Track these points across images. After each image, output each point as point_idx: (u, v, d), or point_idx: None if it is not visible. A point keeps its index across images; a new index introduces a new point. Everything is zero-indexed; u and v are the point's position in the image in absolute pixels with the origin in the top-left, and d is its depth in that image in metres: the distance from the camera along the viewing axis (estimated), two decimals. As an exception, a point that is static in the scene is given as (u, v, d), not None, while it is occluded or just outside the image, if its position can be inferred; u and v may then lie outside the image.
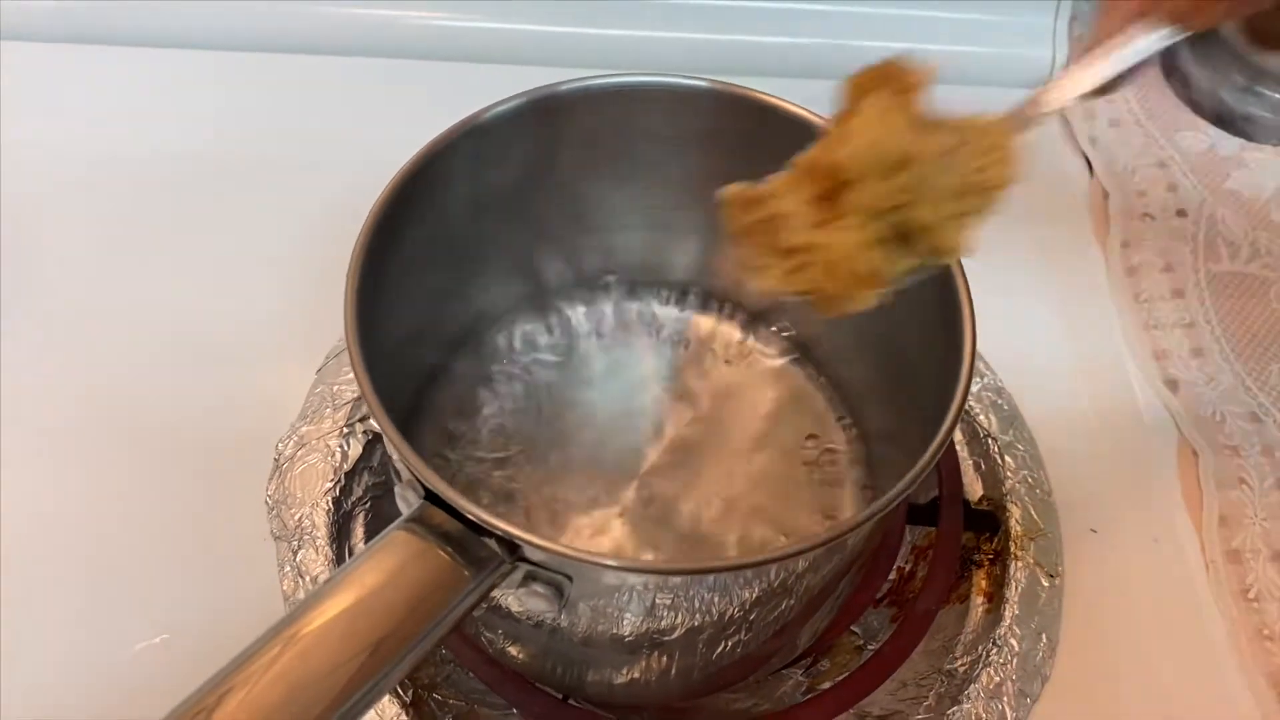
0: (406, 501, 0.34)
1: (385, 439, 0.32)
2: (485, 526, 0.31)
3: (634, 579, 0.32)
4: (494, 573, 0.32)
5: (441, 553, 0.31)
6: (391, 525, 0.32)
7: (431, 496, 0.32)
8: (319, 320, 0.48)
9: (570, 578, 0.32)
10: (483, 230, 0.44)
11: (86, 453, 0.49)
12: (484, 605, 0.34)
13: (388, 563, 0.31)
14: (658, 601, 0.34)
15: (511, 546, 0.31)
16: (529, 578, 0.32)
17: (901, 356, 0.43)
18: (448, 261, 0.43)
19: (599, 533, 0.44)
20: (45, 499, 0.48)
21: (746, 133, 0.42)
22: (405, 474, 0.33)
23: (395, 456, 0.33)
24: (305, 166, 0.60)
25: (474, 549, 0.31)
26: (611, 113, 0.42)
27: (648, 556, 0.43)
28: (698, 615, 0.35)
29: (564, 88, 0.40)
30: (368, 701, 0.29)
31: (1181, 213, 0.60)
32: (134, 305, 0.54)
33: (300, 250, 0.56)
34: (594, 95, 0.41)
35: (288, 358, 0.52)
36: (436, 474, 0.31)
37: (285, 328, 0.54)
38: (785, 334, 0.51)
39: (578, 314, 0.51)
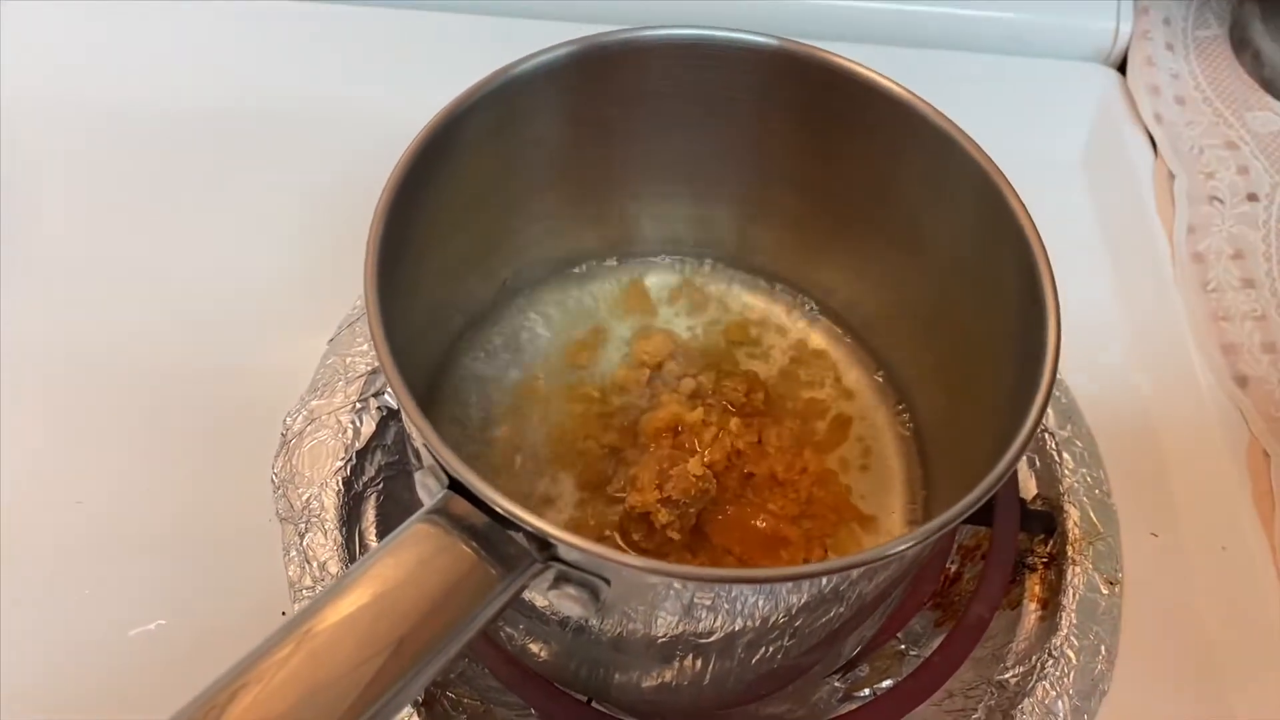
0: (428, 490, 0.31)
1: (405, 419, 0.29)
2: (515, 521, 0.28)
3: (679, 583, 0.29)
4: (524, 573, 0.29)
5: (467, 548, 0.28)
6: (413, 517, 0.29)
7: (456, 485, 0.29)
8: (333, 285, 0.46)
9: (608, 580, 0.29)
10: (512, 194, 0.40)
11: (82, 423, 0.47)
12: (510, 604, 0.31)
13: (408, 558, 0.28)
14: (697, 601, 0.31)
15: (544, 544, 0.28)
16: (561, 578, 0.29)
17: (968, 342, 0.40)
18: (474, 227, 0.40)
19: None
20: (39, 471, 0.45)
21: (809, 97, 0.39)
22: (427, 459, 0.30)
23: (417, 439, 0.30)
24: (324, 123, 0.57)
25: (502, 545, 0.29)
26: (661, 69, 0.38)
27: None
28: (739, 619, 0.32)
29: (610, 38, 0.37)
30: (388, 711, 0.26)
31: (1252, 197, 0.56)
32: (135, 267, 0.52)
33: (315, 211, 0.53)
34: (644, 49, 0.37)
35: (298, 325, 0.49)
36: (462, 460, 0.28)
37: (297, 293, 0.51)
38: (838, 312, 0.47)
39: (611, 289, 0.47)
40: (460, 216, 0.38)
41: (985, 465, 0.33)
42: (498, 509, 0.28)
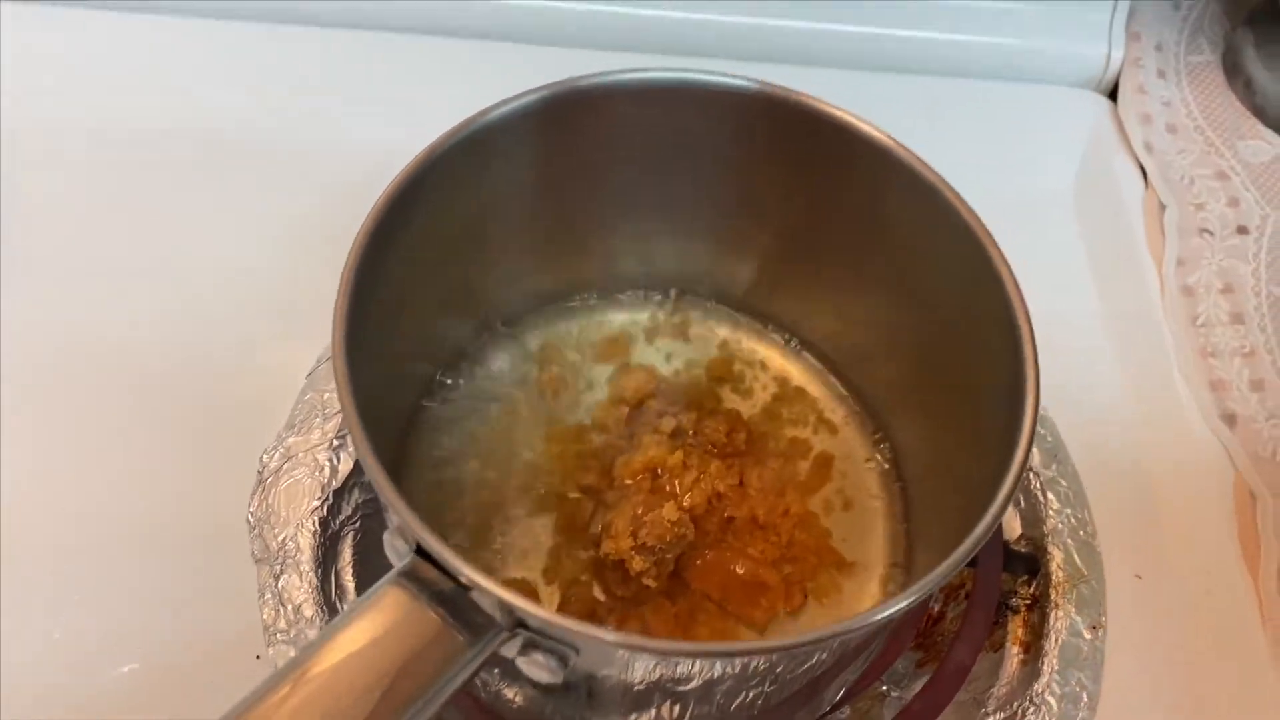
0: (395, 551, 0.30)
1: (374, 486, 0.29)
2: (481, 590, 0.27)
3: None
4: (492, 640, 0.28)
5: (434, 614, 0.28)
6: (384, 578, 0.29)
7: (422, 551, 0.28)
8: (313, 319, 0.45)
9: (576, 649, 0.28)
10: (488, 236, 0.40)
11: (58, 457, 0.46)
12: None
13: (376, 624, 0.28)
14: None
15: (510, 611, 0.28)
16: (530, 645, 0.29)
17: (948, 381, 0.40)
18: (450, 270, 0.39)
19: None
20: (6, 509, 0.44)
21: (789, 138, 0.38)
22: (395, 520, 0.30)
23: (385, 507, 0.29)
24: (310, 151, 0.56)
25: (469, 612, 0.28)
26: (637, 111, 0.38)
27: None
28: (718, 666, 0.32)
29: (584, 83, 0.36)
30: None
31: (1242, 230, 0.55)
32: (112, 296, 0.51)
33: (298, 241, 0.53)
34: (619, 92, 0.37)
35: (277, 358, 0.48)
36: (427, 527, 0.28)
37: (276, 325, 0.50)
38: (819, 348, 0.47)
39: (590, 325, 0.47)
40: (435, 261, 0.38)
41: (966, 506, 0.33)
42: (461, 579, 0.27)
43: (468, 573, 0.27)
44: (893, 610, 0.28)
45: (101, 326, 0.50)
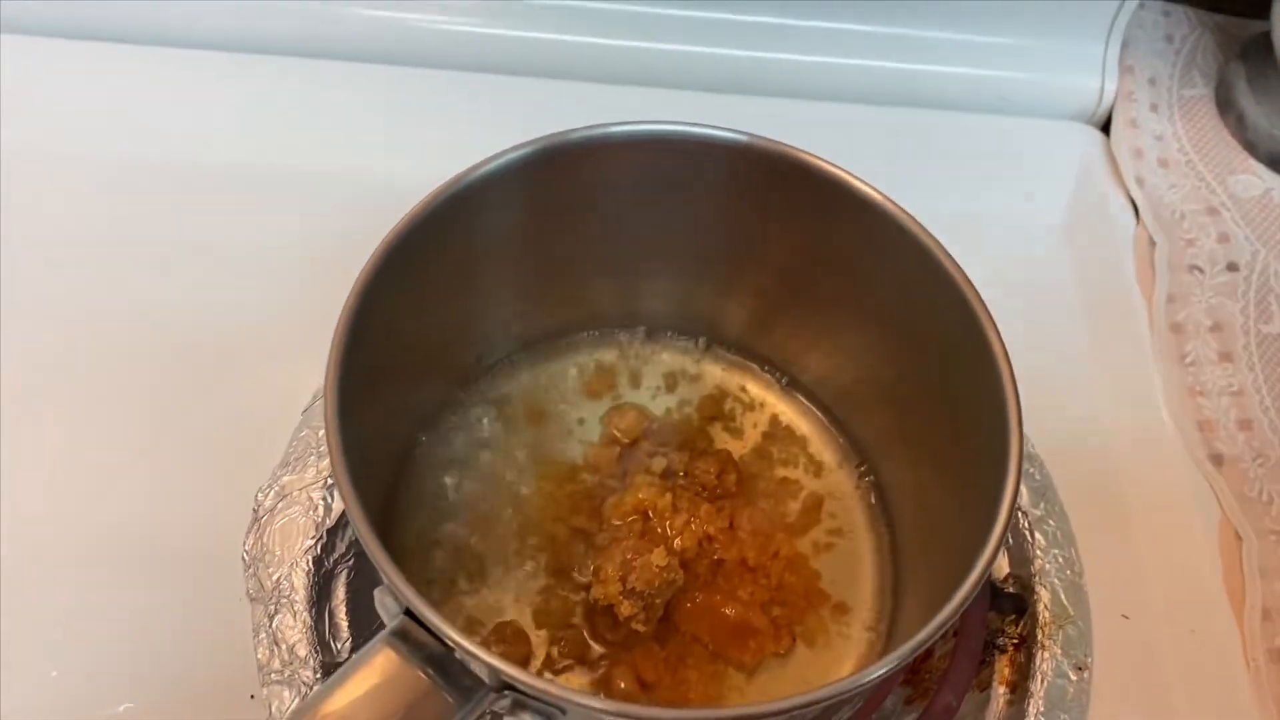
0: (386, 609, 0.31)
1: (367, 551, 0.29)
2: (468, 653, 0.28)
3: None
4: (481, 701, 0.29)
5: (423, 675, 0.29)
6: (377, 637, 0.29)
7: (411, 613, 0.29)
8: (308, 353, 0.45)
9: (564, 710, 0.29)
10: (480, 284, 0.40)
11: (57, 491, 0.46)
12: None
13: (367, 684, 0.29)
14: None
15: (497, 673, 0.28)
16: (518, 705, 0.29)
17: (936, 425, 0.41)
18: (441, 319, 0.40)
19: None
20: (6, 545, 0.45)
21: (778, 190, 0.39)
22: (385, 580, 0.30)
23: (377, 568, 0.30)
24: (311, 184, 0.57)
25: (458, 674, 0.29)
26: (627, 162, 0.38)
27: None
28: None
29: (573, 137, 0.37)
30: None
31: (1232, 266, 0.56)
32: (107, 325, 0.51)
33: (295, 275, 0.53)
34: (608, 145, 0.37)
35: (273, 393, 0.49)
36: (417, 592, 0.28)
37: (271, 360, 0.50)
38: (809, 388, 0.47)
39: (582, 366, 0.47)
40: (428, 307, 0.38)
41: (954, 550, 0.34)
42: (449, 642, 0.28)
43: (454, 637, 0.27)
44: (873, 677, 0.29)
45: (95, 359, 0.50)
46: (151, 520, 0.46)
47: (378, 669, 0.29)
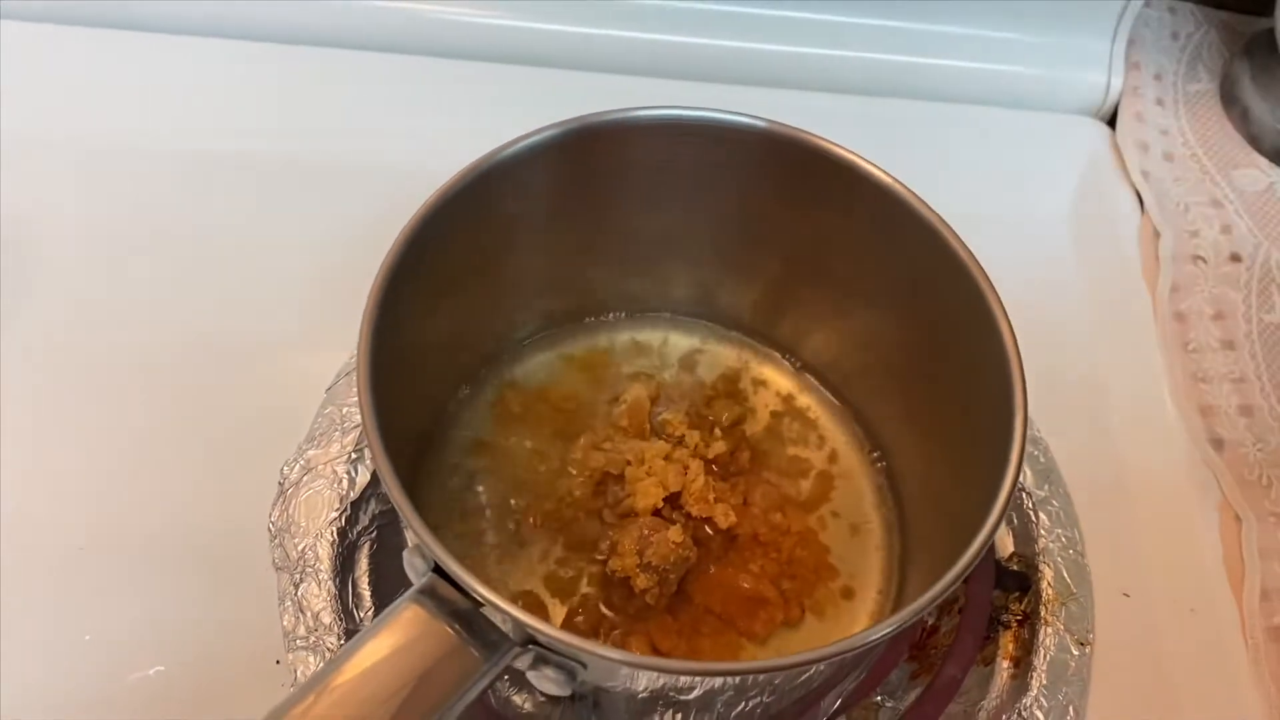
0: (414, 568, 0.32)
1: (398, 510, 0.30)
2: (495, 608, 0.29)
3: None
4: (505, 655, 0.30)
5: (450, 631, 0.30)
6: (403, 595, 0.31)
7: (440, 570, 0.30)
8: (332, 333, 0.46)
9: (584, 664, 0.30)
10: (505, 263, 0.42)
11: (82, 466, 0.48)
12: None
13: (395, 640, 0.30)
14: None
15: (522, 627, 0.30)
16: (540, 660, 0.31)
17: (944, 404, 0.42)
18: (467, 297, 0.41)
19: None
20: (39, 515, 0.46)
21: (796, 175, 0.40)
22: (413, 539, 0.32)
23: (405, 527, 0.31)
24: (336, 171, 0.58)
25: (484, 629, 0.30)
26: (650, 146, 0.40)
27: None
28: (717, 680, 0.33)
29: (599, 120, 0.38)
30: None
31: (1235, 257, 0.57)
32: (135, 310, 0.53)
33: (319, 260, 0.54)
34: (632, 129, 0.38)
35: (298, 372, 0.50)
36: (445, 548, 0.29)
37: (296, 339, 0.52)
38: (820, 370, 0.49)
39: (603, 346, 0.49)
40: (453, 287, 0.40)
41: (958, 526, 0.35)
42: (476, 596, 0.29)
43: (482, 591, 0.29)
44: (878, 635, 0.30)
45: (124, 338, 0.52)
46: (183, 495, 0.47)
47: (406, 624, 0.30)
